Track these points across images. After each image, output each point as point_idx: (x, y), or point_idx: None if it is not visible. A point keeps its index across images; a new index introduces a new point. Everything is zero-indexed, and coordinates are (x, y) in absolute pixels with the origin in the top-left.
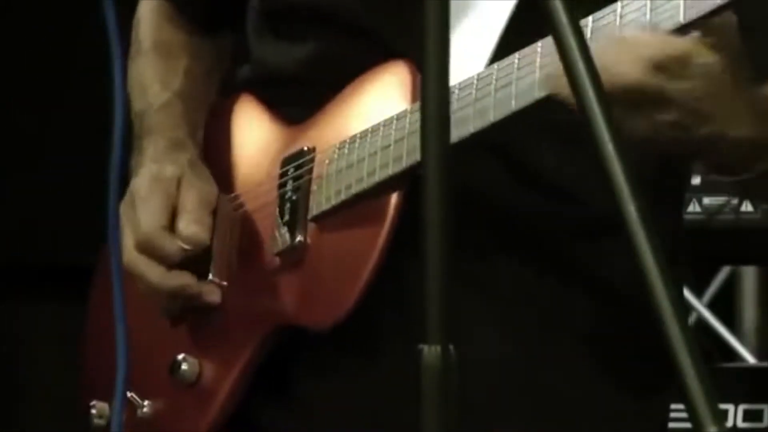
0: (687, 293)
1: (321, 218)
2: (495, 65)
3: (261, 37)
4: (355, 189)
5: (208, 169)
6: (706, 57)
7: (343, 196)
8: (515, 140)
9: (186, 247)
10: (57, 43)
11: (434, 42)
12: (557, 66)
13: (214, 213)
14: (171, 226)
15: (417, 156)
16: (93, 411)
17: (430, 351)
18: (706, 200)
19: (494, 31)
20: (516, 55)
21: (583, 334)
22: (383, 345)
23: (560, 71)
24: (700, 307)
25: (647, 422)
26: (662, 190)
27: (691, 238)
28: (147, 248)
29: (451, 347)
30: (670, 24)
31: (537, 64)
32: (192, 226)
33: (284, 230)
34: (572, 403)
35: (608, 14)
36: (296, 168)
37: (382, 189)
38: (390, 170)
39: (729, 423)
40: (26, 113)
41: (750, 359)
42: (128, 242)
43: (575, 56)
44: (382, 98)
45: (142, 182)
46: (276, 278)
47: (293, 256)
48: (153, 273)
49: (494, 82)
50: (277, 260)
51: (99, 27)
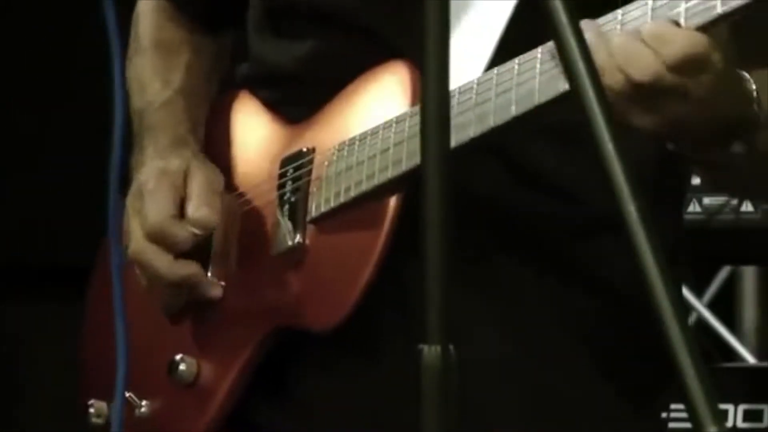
0: (687, 293)
1: (320, 220)
2: (495, 70)
3: (261, 35)
4: (354, 192)
5: None
6: (718, 52)
7: (342, 199)
8: (515, 141)
9: (197, 232)
10: (57, 43)
11: (434, 42)
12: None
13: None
14: (180, 216)
15: (416, 159)
16: (91, 410)
17: (430, 351)
18: (706, 200)
19: (494, 31)
20: (516, 61)
21: (583, 334)
22: (383, 345)
23: None
24: (700, 307)
25: (647, 422)
26: (662, 190)
27: (691, 238)
28: (157, 236)
29: (451, 347)
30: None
31: (537, 70)
32: (201, 209)
33: (283, 231)
34: (572, 403)
35: (639, 7)
36: (295, 169)
37: (381, 192)
38: (389, 173)
39: (729, 423)
40: (26, 113)
41: (750, 359)
42: (137, 232)
43: (575, 56)
44: (382, 98)
45: (150, 175)
46: (275, 279)
47: (292, 258)
48: (161, 261)
49: (494, 87)
50: (277, 261)
51: (99, 27)
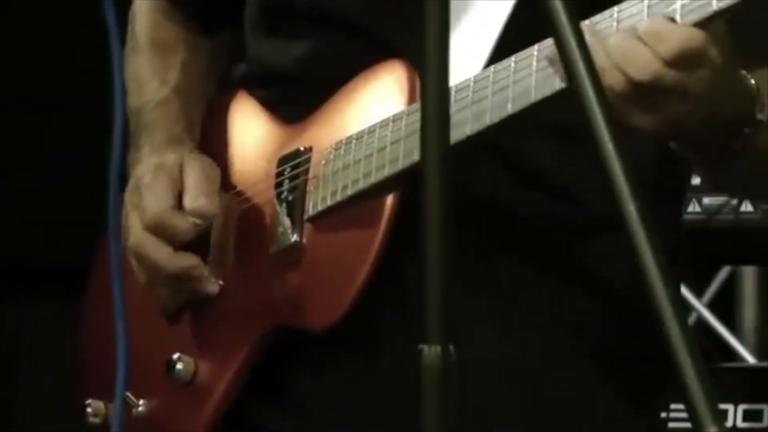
0: (687, 293)
1: (317, 218)
2: (492, 68)
3: (258, 35)
4: (351, 190)
5: None
6: (715, 48)
7: (339, 197)
8: (514, 140)
9: (197, 222)
10: (57, 43)
11: (434, 41)
12: None
13: None
14: (179, 208)
15: (413, 158)
16: (88, 410)
17: (430, 351)
18: (706, 200)
19: (493, 31)
20: (513, 58)
21: (583, 334)
22: (383, 345)
23: None
24: (700, 307)
25: (647, 422)
26: (662, 190)
27: (691, 238)
28: (157, 228)
29: (451, 347)
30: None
31: (534, 68)
32: (199, 199)
33: (281, 230)
34: (572, 403)
35: (634, 5)
36: (293, 168)
37: (378, 190)
38: (386, 172)
39: (729, 423)
40: (26, 113)
41: (750, 359)
42: (136, 226)
43: (575, 56)
44: (380, 98)
45: (146, 170)
46: (272, 278)
47: (290, 256)
48: (161, 253)
49: (491, 85)
50: (274, 260)
51: (99, 27)
